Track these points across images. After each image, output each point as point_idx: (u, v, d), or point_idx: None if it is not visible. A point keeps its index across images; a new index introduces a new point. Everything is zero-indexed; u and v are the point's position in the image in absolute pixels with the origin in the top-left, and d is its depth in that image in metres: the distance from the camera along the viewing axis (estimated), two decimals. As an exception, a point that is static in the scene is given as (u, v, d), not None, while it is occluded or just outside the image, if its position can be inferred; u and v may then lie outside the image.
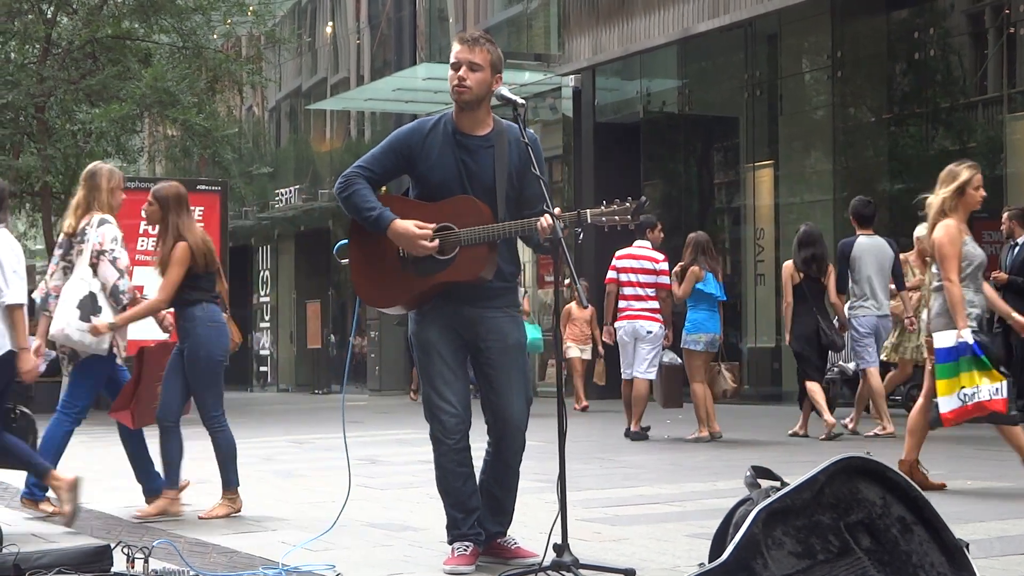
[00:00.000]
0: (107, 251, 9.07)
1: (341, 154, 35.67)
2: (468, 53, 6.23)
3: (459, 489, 6.36)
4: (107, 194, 9.25)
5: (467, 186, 6.27)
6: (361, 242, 6.39)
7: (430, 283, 6.24)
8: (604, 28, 23.61)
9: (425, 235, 6.16)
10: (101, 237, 9.07)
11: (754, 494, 5.02)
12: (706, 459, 11.97)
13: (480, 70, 6.23)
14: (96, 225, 9.07)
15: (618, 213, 6.11)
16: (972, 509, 7.95)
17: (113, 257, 9.08)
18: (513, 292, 6.54)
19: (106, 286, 9.09)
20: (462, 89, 6.23)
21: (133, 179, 22.90)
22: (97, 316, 9.02)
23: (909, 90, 21.44)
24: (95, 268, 9.05)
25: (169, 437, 8.83)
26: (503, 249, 6.33)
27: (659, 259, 14.39)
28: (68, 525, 8.12)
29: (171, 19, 26.12)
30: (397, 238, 6.20)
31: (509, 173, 6.27)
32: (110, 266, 9.06)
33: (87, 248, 9.05)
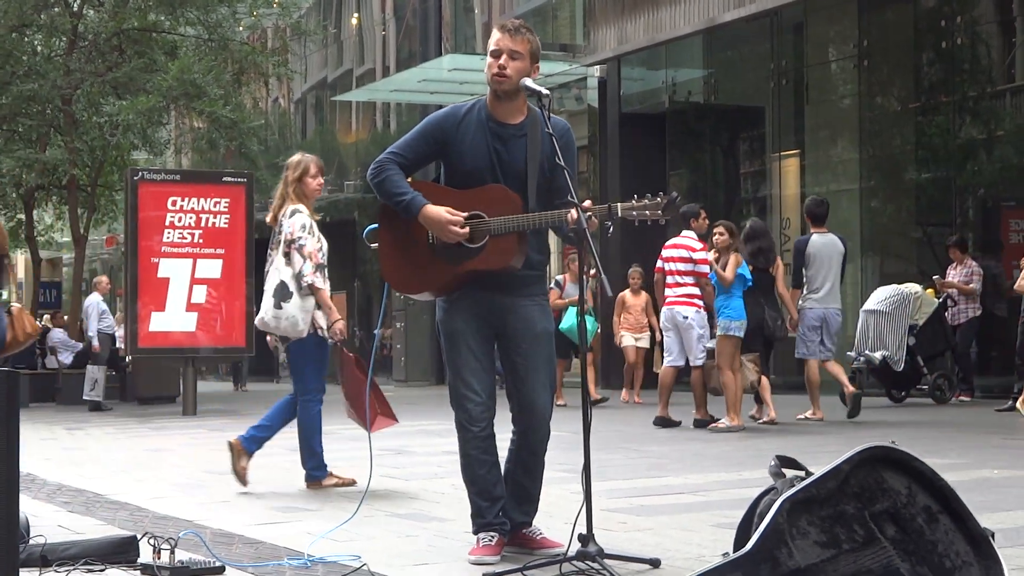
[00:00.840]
0: (296, 239, 9.46)
1: (367, 145, 35.72)
2: (510, 41, 6.20)
3: (484, 477, 6.35)
4: (293, 184, 9.64)
5: (499, 174, 6.25)
6: (391, 227, 6.38)
7: (459, 270, 6.23)
8: (629, 18, 23.58)
9: (457, 221, 6.14)
10: (292, 227, 9.48)
11: (778, 484, 5.00)
12: (731, 448, 11.95)
13: (520, 59, 6.20)
14: (288, 215, 9.53)
15: (649, 208, 6.08)
16: (999, 498, 7.92)
17: (300, 245, 9.45)
18: (541, 281, 6.53)
19: (296, 273, 9.50)
20: (502, 78, 6.20)
21: (159, 171, 22.97)
22: (287, 302, 9.42)
23: (936, 79, 21.36)
24: (288, 257, 9.49)
25: None
26: (532, 238, 6.32)
27: (695, 247, 14.55)
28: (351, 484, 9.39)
29: (197, 11, 26.21)
30: (428, 223, 6.19)
31: (541, 163, 6.25)
32: (297, 254, 9.46)
33: (281, 238, 9.53)
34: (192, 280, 20.64)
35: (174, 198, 20.73)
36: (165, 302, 20.54)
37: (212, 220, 20.82)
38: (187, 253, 20.66)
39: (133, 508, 8.60)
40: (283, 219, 9.53)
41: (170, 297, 20.56)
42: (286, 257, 9.48)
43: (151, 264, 20.55)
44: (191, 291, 20.64)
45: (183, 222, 20.65)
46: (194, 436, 15.85)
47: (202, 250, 20.76)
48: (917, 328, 16.96)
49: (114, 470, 11.65)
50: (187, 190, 20.97)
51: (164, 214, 20.67)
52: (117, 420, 19.74)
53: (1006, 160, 19.69)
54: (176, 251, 20.63)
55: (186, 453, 13.41)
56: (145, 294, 20.54)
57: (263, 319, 9.56)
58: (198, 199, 20.81)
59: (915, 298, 17.04)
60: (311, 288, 9.44)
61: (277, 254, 9.57)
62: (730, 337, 13.96)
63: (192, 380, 20.80)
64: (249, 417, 19.44)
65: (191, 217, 20.68)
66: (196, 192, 20.93)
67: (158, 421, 18.99)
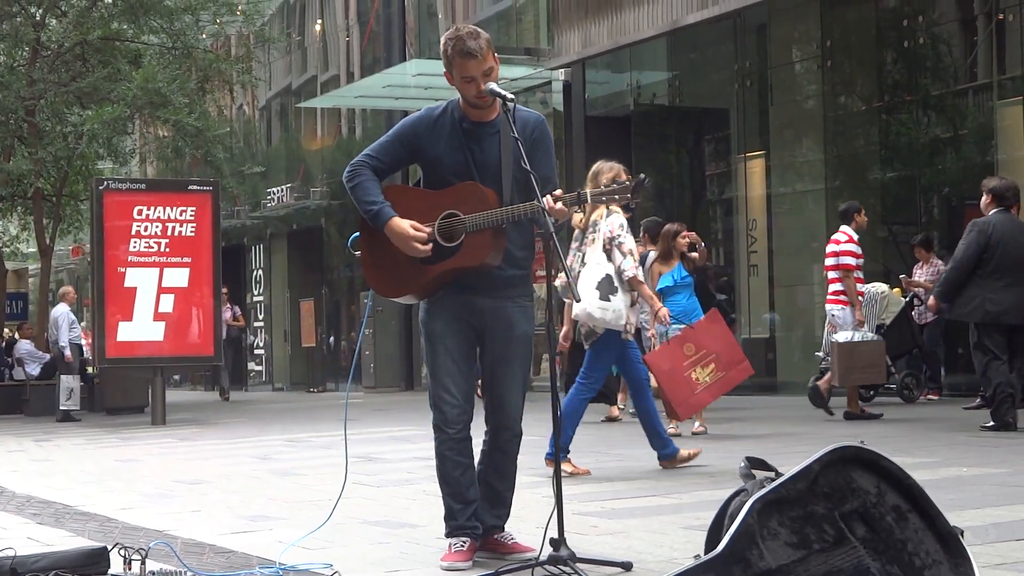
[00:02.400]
0: (616, 237, 10.21)
1: (333, 152, 35.68)
2: (479, 65, 6.18)
3: (458, 479, 6.36)
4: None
5: (475, 173, 6.28)
6: (371, 234, 6.40)
7: (437, 271, 6.25)
8: (593, 21, 23.61)
9: (419, 237, 6.16)
10: (611, 226, 10.24)
11: (748, 485, 5.02)
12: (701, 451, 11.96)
13: (493, 72, 6.24)
14: (606, 216, 10.26)
15: (618, 192, 6.14)
16: (967, 496, 7.96)
17: (619, 243, 10.19)
18: (526, 281, 6.54)
19: (617, 268, 10.20)
20: (485, 98, 6.24)
21: (125, 180, 22.89)
22: (614, 296, 10.08)
23: (899, 78, 21.44)
24: (608, 254, 10.20)
25: None
26: (514, 234, 6.33)
27: (841, 240, 14.86)
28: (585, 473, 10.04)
29: (160, 20, 26.14)
30: (393, 237, 6.21)
31: (515, 157, 6.27)
32: (618, 250, 10.20)
33: (599, 237, 10.25)
34: (159, 289, 20.56)
35: (140, 207, 20.64)
36: (132, 312, 20.46)
37: (178, 229, 20.74)
38: (154, 262, 20.58)
39: (103, 519, 8.57)
40: (599, 220, 10.26)
41: (137, 307, 20.47)
42: (607, 254, 10.20)
43: (118, 274, 20.46)
44: (158, 300, 20.56)
45: (149, 231, 20.57)
46: (163, 446, 15.80)
47: (169, 259, 20.67)
48: (884, 328, 17.00)
49: (83, 481, 11.60)
50: (153, 199, 20.88)
51: (130, 223, 20.58)
52: (86, 431, 19.66)
53: (970, 159, 19.78)
54: (143, 260, 20.54)
55: (156, 463, 13.37)
56: (112, 304, 20.44)
57: (586, 311, 10.07)
58: (164, 208, 20.72)
59: (882, 297, 17.10)
60: (632, 282, 10.21)
61: (592, 251, 10.26)
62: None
63: (161, 390, 20.72)
64: (219, 427, 19.44)
65: (157, 226, 20.60)
66: (162, 201, 20.85)
67: (127, 431, 18.92)
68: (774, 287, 22.79)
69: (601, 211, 10.20)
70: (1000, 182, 13.05)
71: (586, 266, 10.21)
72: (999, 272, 12.50)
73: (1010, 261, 12.49)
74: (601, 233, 10.23)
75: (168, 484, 10.98)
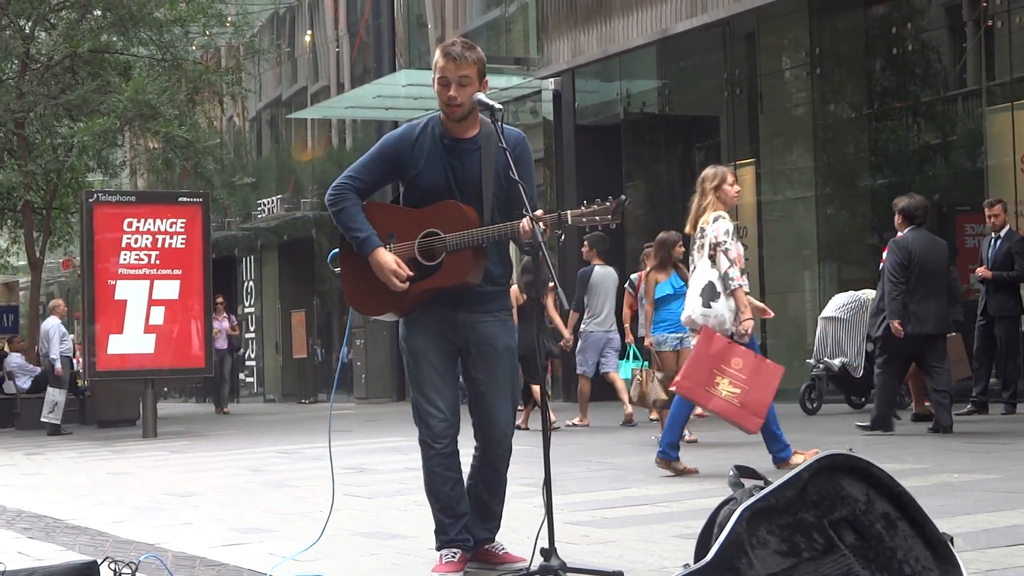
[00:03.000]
0: (721, 243, 10.38)
1: (323, 163, 35.68)
2: (456, 69, 6.19)
3: (447, 494, 6.35)
4: (711, 192, 10.64)
5: (455, 190, 6.27)
6: (352, 251, 6.40)
7: (418, 290, 6.25)
8: (582, 30, 23.61)
9: (401, 276, 6.19)
10: (716, 232, 10.43)
11: (737, 493, 5.02)
12: (692, 459, 11.94)
13: (470, 83, 6.21)
14: (712, 221, 10.45)
15: (599, 213, 6.12)
16: (958, 502, 7.96)
17: (725, 248, 10.35)
18: (504, 296, 6.54)
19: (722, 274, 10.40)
20: (454, 107, 6.22)
21: (115, 193, 22.88)
22: (716, 302, 10.34)
23: (889, 85, 21.47)
24: (712, 259, 10.39)
25: None
26: (492, 252, 6.34)
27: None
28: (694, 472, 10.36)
29: (150, 32, 26.11)
30: (375, 268, 6.24)
31: (497, 174, 6.27)
32: (723, 256, 10.35)
33: (705, 243, 10.44)
34: (150, 301, 20.53)
35: (130, 219, 20.61)
36: (123, 324, 20.43)
37: (168, 241, 20.72)
38: (144, 275, 20.55)
39: (94, 532, 8.56)
40: (705, 225, 10.44)
41: (128, 319, 20.44)
42: (711, 260, 10.40)
43: (108, 286, 20.44)
44: (149, 312, 20.53)
45: (139, 243, 20.55)
46: (155, 459, 15.78)
47: (159, 271, 20.65)
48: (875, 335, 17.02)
49: (74, 495, 11.59)
50: (143, 211, 20.86)
51: (120, 236, 20.56)
52: (77, 444, 19.63)
53: (959, 165, 19.81)
54: (133, 273, 20.51)
55: (147, 476, 13.35)
56: (103, 316, 20.42)
57: (690, 317, 10.48)
58: (154, 220, 20.70)
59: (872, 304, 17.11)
60: (736, 292, 10.37)
61: (702, 257, 10.50)
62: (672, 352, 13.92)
63: (152, 402, 20.70)
64: (210, 439, 19.41)
65: (147, 238, 20.58)
66: (152, 213, 20.83)
67: (118, 444, 18.90)
68: (765, 294, 22.79)
69: (708, 216, 10.46)
70: (909, 201, 13.82)
71: (695, 272, 10.56)
72: (919, 287, 13.35)
73: (927, 275, 13.39)
74: (707, 238, 10.45)
75: (159, 497, 10.97)
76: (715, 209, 10.53)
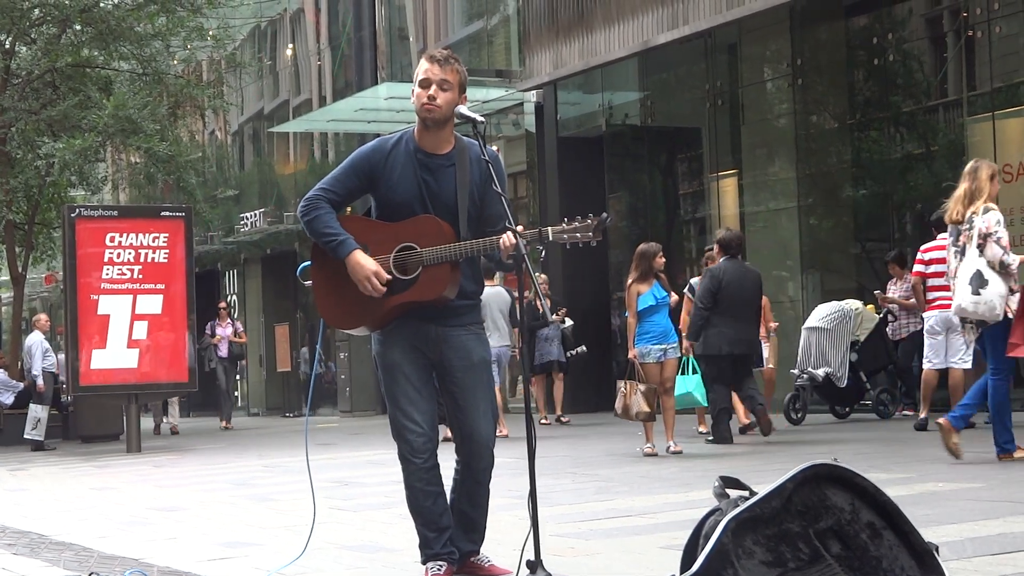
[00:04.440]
0: (992, 233, 10.63)
1: (305, 176, 35.66)
2: (439, 71, 6.20)
3: (429, 508, 6.34)
4: (986, 183, 10.88)
5: (428, 205, 6.25)
6: (324, 264, 6.38)
7: (393, 303, 6.23)
8: (564, 42, 23.65)
9: (380, 277, 6.16)
10: (987, 222, 10.68)
11: (723, 504, 5.01)
12: (677, 470, 11.98)
13: (450, 89, 6.21)
14: (982, 212, 10.71)
15: (580, 230, 6.11)
16: (943, 511, 7.97)
17: (997, 237, 10.62)
18: (476, 310, 6.53)
19: (992, 262, 10.63)
20: (431, 107, 6.20)
21: (97, 207, 22.83)
22: (984, 289, 10.60)
23: (870, 95, 21.53)
24: (981, 248, 10.66)
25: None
26: (465, 267, 6.32)
27: None
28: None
29: (130, 46, 26.06)
30: (352, 271, 6.20)
31: (471, 191, 6.26)
32: (994, 245, 10.61)
33: (974, 233, 10.70)
34: (133, 316, 20.50)
35: (112, 234, 20.59)
36: (106, 339, 20.39)
37: (151, 255, 20.70)
38: (127, 289, 20.53)
39: (78, 548, 8.54)
40: (975, 216, 10.70)
41: (111, 334, 20.40)
42: (980, 249, 10.67)
43: (91, 301, 20.40)
44: (132, 327, 20.50)
45: (122, 258, 20.52)
46: (139, 473, 15.75)
47: (142, 285, 20.63)
48: (859, 344, 17.06)
49: (58, 510, 11.56)
50: (125, 225, 20.84)
51: (103, 250, 20.53)
52: (60, 459, 19.58)
53: (941, 174, 19.83)
54: (116, 287, 20.48)
55: (131, 491, 13.32)
56: (85, 331, 20.38)
57: (960, 306, 10.77)
58: (136, 234, 20.68)
59: (856, 314, 17.14)
60: (1008, 271, 10.62)
61: (971, 247, 10.73)
62: (660, 363, 13.90)
63: (135, 417, 20.65)
64: (194, 453, 19.38)
65: (130, 253, 20.55)
66: (134, 227, 20.81)
67: (102, 459, 18.86)
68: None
69: (977, 206, 10.71)
70: (726, 234, 15.25)
71: (963, 261, 10.80)
72: (728, 311, 14.63)
73: (736, 301, 14.65)
74: (976, 229, 10.66)
75: (144, 511, 10.94)
76: (985, 200, 10.83)
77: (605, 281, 24.68)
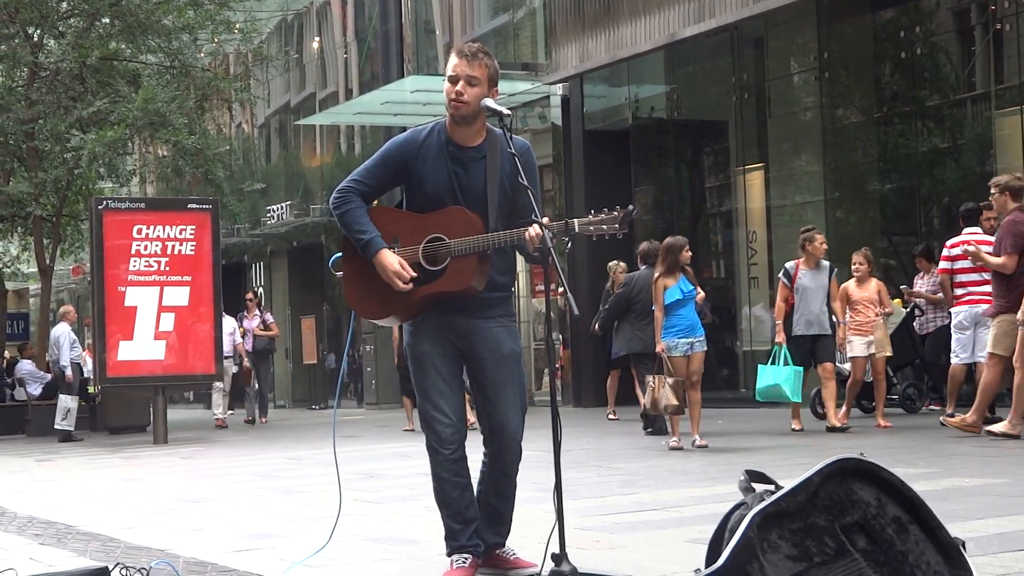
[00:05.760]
0: None
1: (332, 169, 35.71)
2: (467, 67, 6.19)
3: (456, 500, 6.34)
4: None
5: (459, 197, 6.24)
6: (354, 255, 6.38)
7: (421, 294, 6.23)
8: (590, 36, 23.64)
9: (403, 277, 6.16)
10: None
11: (748, 498, 5.01)
12: (703, 464, 11.97)
13: (478, 84, 6.20)
14: None
15: (606, 222, 6.09)
16: (969, 507, 7.95)
17: None
18: (507, 302, 6.53)
19: None
20: (459, 104, 6.19)
21: (124, 200, 22.90)
22: None
23: (897, 89, 21.47)
24: None
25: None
26: (497, 259, 6.32)
27: (993, 242, 14.62)
28: None
29: (158, 39, 26.12)
30: (379, 269, 6.22)
31: (501, 183, 6.25)
32: None
33: None
34: (160, 308, 20.55)
35: (139, 226, 20.63)
36: (133, 331, 20.44)
37: (178, 247, 20.74)
38: (154, 281, 20.57)
39: (105, 539, 8.57)
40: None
41: (138, 326, 20.45)
42: None
43: (118, 293, 20.44)
44: (159, 319, 20.54)
45: (149, 250, 20.56)
46: (165, 465, 15.79)
47: (169, 277, 20.67)
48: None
49: (85, 500, 11.60)
50: (152, 218, 20.88)
51: (130, 242, 20.57)
52: (88, 450, 19.65)
53: (968, 168, 19.80)
54: (143, 279, 20.53)
55: (158, 482, 13.36)
56: (113, 323, 20.42)
57: None
58: (163, 227, 20.72)
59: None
60: None
61: None
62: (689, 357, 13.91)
63: (162, 409, 20.71)
64: (221, 445, 19.42)
65: (157, 245, 20.59)
66: (161, 220, 20.85)
67: (129, 450, 18.92)
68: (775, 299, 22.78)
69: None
70: (647, 246, 16.42)
71: None
72: (642, 316, 15.82)
73: (648, 306, 15.22)
74: None
75: (170, 503, 10.98)
76: None
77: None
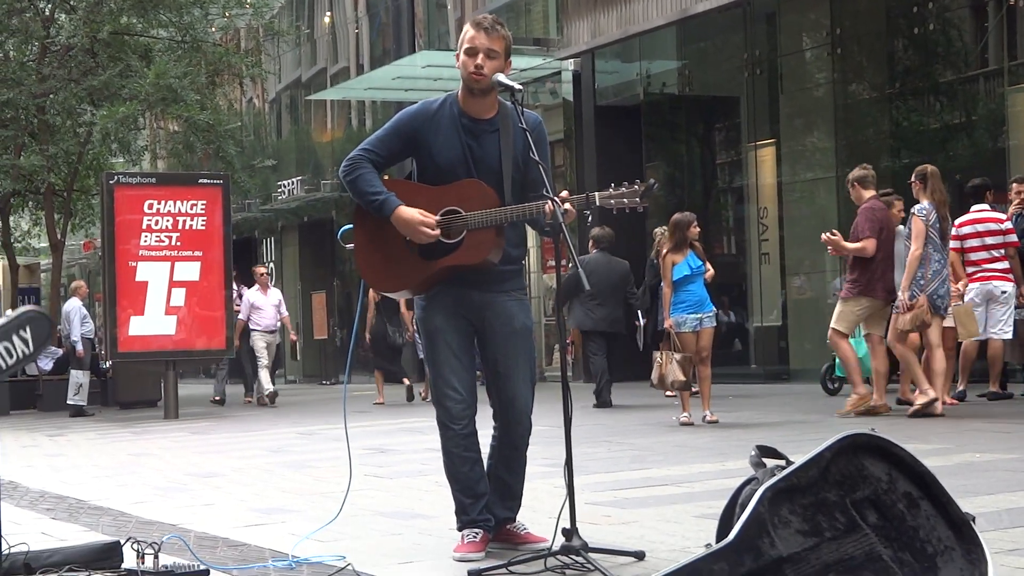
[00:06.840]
0: None
1: (343, 144, 35.68)
2: (486, 40, 6.16)
3: (466, 474, 6.35)
4: None
5: (472, 169, 6.23)
6: (366, 226, 6.36)
7: (436, 267, 6.21)
8: (602, 11, 23.57)
9: (429, 223, 6.12)
10: None
11: (759, 473, 5.01)
12: (713, 439, 11.98)
13: (497, 57, 6.17)
14: None
15: (627, 196, 6.08)
16: (980, 482, 7.95)
17: None
18: (519, 275, 6.52)
19: None
20: (479, 76, 6.16)
21: (135, 175, 22.90)
22: None
23: (909, 65, 21.40)
24: None
25: None
26: (510, 233, 6.29)
27: (1003, 219, 14.82)
28: None
29: (170, 14, 26.10)
30: (400, 225, 6.16)
31: (514, 156, 6.23)
32: None
33: None
34: (171, 283, 20.56)
35: (150, 201, 20.63)
36: (144, 306, 20.47)
37: (189, 222, 20.74)
38: (165, 256, 20.58)
39: (116, 513, 8.59)
40: None
41: (149, 301, 20.47)
42: None
43: (129, 268, 20.46)
44: (170, 294, 20.56)
45: (160, 225, 20.56)
46: (176, 440, 15.82)
47: (180, 252, 20.67)
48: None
49: (96, 475, 11.63)
50: (163, 193, 20.87)
51: (141, 217, 20.58)
52: (99, 425, 19.70)
53: (981, 145, 19.74)
54: (154, 254, 20.54)
55: (168, 457, 13.39)
56: (124, 298, 20.44)
57: None
58: (174, 202, 20.72)
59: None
60: None
61: None
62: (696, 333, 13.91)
63: (173, 384, 20.74)
64: (231, 420, 19.46)
65: (168, 220, 20.60)
66: (172, 195, 20.84)
67: (140, 425, 18.95)
68: (785, 275, 22.77)
69: None
70: (599, 232, 17.51)
71: None
72: (594, 296, 17.04)
73: (600, 289, 16.90)
74: None
75: (181, 478, 11.00)
76: None
77: (642, 250, 24.65)
